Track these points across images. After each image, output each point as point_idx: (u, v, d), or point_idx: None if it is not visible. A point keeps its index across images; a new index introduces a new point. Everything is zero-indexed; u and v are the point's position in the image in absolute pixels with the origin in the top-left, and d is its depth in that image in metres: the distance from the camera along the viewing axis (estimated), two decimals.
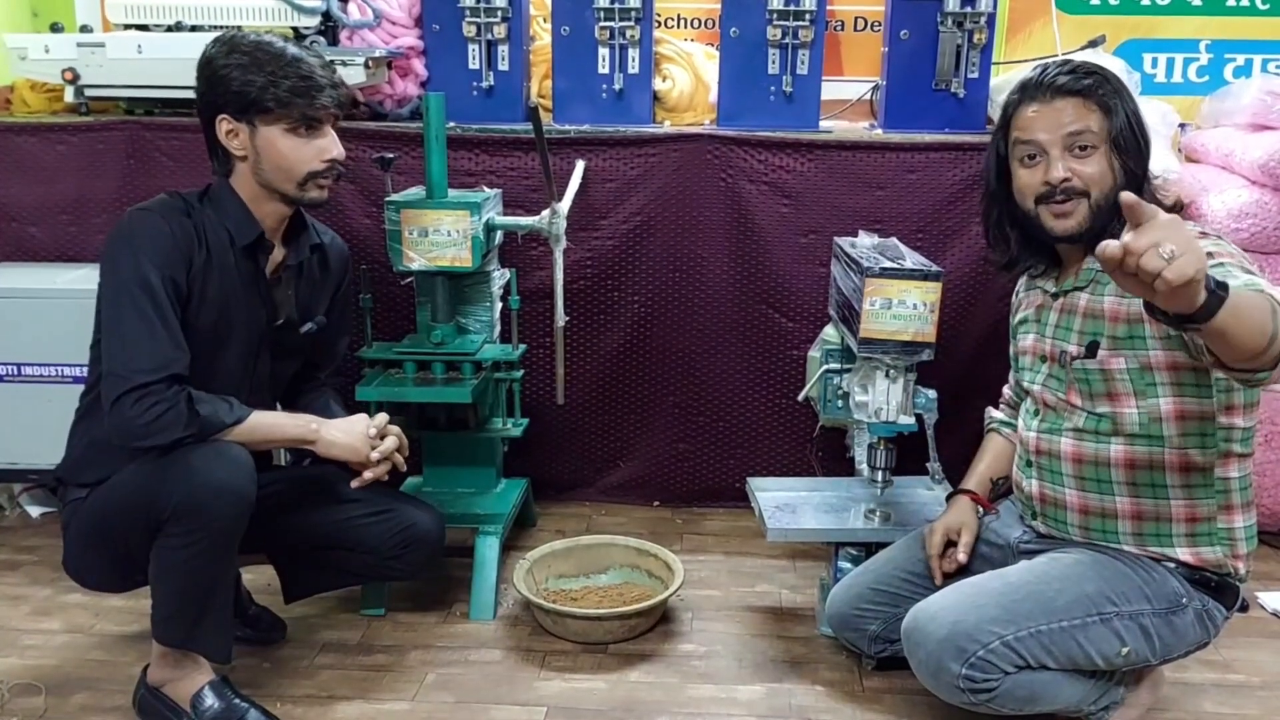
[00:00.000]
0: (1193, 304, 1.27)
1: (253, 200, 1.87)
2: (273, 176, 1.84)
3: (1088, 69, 1.72)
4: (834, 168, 2.58)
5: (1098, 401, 1.73)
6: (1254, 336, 1.34)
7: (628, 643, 2.18)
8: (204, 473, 1.68)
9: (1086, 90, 1.69)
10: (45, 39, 2.59)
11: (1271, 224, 2.48)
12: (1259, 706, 1.99)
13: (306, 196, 1.87)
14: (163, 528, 1.70)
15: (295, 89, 1.79)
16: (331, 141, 1.87)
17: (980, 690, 1.67)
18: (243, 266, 1.88)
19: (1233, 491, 1.73)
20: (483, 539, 2.31)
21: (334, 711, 1.94)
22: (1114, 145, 1.69)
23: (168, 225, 1.79)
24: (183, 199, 1.86)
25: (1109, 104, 1.69)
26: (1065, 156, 1.70)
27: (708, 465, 2.80)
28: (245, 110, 1.80)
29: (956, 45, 2.55)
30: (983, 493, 2.01)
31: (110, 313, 1.76)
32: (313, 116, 1.82)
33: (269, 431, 1.84)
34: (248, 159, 1.84)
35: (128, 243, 1.77)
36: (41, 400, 2.48)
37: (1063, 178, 1.69)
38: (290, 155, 1.83)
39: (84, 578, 1.92)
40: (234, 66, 1.79)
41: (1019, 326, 1.94)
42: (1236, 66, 3.01)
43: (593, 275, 2.66)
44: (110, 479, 1.80)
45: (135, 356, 1.72)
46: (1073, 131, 1.69)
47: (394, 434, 1.95)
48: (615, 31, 2.58)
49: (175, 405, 1.71)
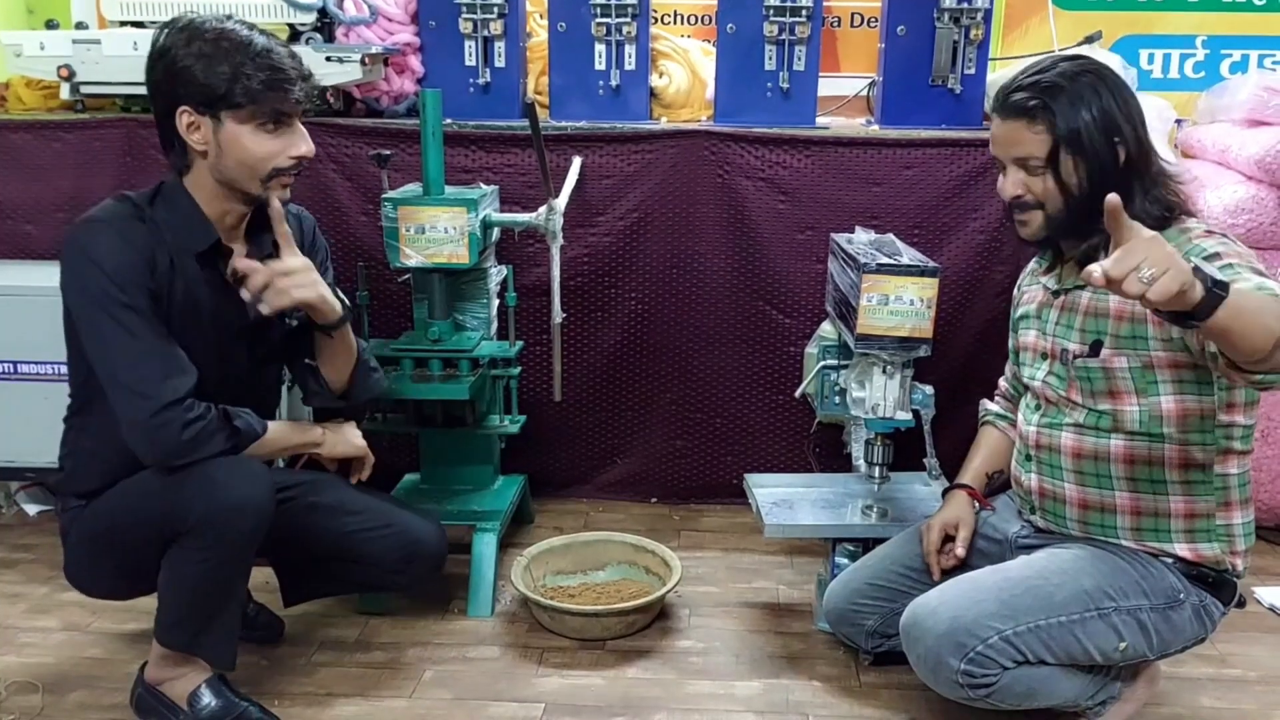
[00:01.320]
0: (1188, 305, 1.31)
1: (210, 199, 1.76)
2: (235, 173, 1.72)
3: (1046, 81, 1.68)
4: (831, 164, 2.58)
5: (1099, 399, 1.73)
6: (1260, 335, 1.35)
7: (625, 639, 2.18)
8: (226, 487, 1.66)
9: (1032, 112, 1.68)
10: (41, 36, 2.58)
11: (1268, 219, 2.48)
12: (1255, 701, 1.99)
13: (269, 195, 1.75)
14: (180, 539, 1.68)
15: (267, 82, 1.67)
16: (300, 137, 1.75)
17: (979, 685, 1.67)
18: (205, 268, 1.78)
19: (1232, 488, 1.73)
20: (480, 536, 2.31)
21: (332, 709, 1.94)
22: (1060, 165, 1.67)
23: (121, 237, 1.68)
24: (132, 203, 1.74)
25: (1056, 121, 1.67)
26: (1018, 172, 1.72)
27: (705, 462, 2.80)
28: (211, 104, 1.67)
29: (953, 41, 2.55)
30: (978, 487, 2.01)
31: (100, 335, 1.67)
32: (284, 112, 1.71)
33: (283, 440, 1.85)
34: (208, 155, 1.71)
35: (87, 260, 1.66)
36: (38, 398, 2.48)
37: (1012, 195, 1.73)
38: (256, 151, 1.70)
39: (89, 587, 1.90)
40: (197, 56, 1.66)
41: (1019, 321, 1.94)
42: (1233, 62, 3.01)
43: (590, 272, 2.66)
44: (116, 488, 1.77)
45: (152, 375, 1.66)
46: (1018, 156, 1.71)
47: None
48: (612, 28, 2.58)
49: (210, 420, 1.69)
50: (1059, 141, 1.67)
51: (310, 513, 1.96)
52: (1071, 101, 1.67)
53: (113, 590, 1.92)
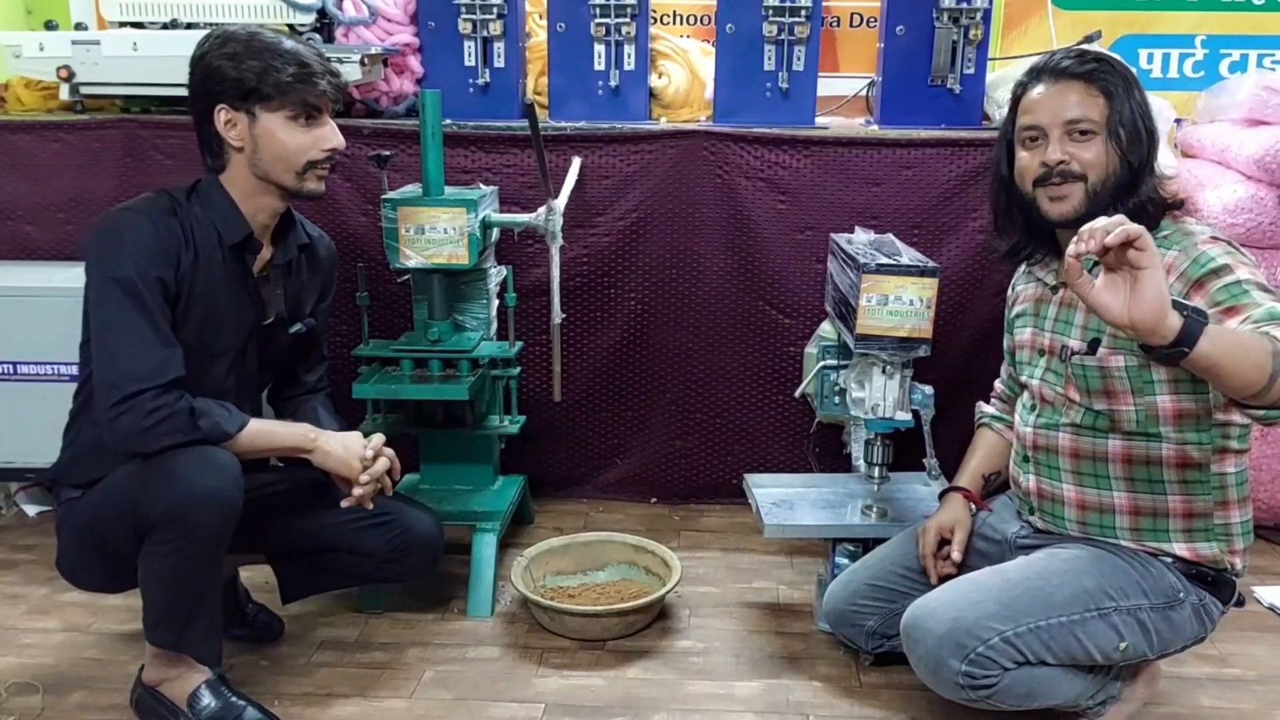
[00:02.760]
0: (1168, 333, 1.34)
1: (247, 196, 1.84)
2: (271, 167, 1.81)
3: (1097, 55, 1.73)
4: (830, 164, 2.58)
5: (1095, 398, 1.73)
6: (1251, 371, 1.38)
7: (625, 639, 2.18)
8: (189, 480, 1.66)
9: (1089, 75, 1.69)
10: (40, 37, 2.58)
11: (1267, 219, 2.49)
12: (1255, 700, 1.99)
13: (305, 187, 1.84)
14: (149, 533, 1.69)
15: (296, 75, 1.77)
16: (331, 131, 1.85)
17: (979, 686, 1.67)
18: (230, 265, 1.85)
19: (1230, 487, 1.73)
20: (480, 536, 2.31)
21: (332, 709, 1.94)
22: (1113, 134, 1.68)
23: (153, 225, 1.75)
24: (169, 196, 1.82)
25: (1112, 91, 1.69)
26: (1064, 140, 1.70)
27: (705, 462, 2.80)
28: (245, 98, 1.77)
29: (952, 41, 2.55)
30: (975, 489, 2.01)
31: (100, 317, 1.73)
32: (313, 103, 1.80)
33: (268, 440, 1.83)
34: (244, 150, 1.80)
35: (113, 243, 1.73)
36: (38, 399, 2.48)
37: (1059, 159, 1.69)
38: (290, 144, 1.80)
39: (75, 578, 1.91)
40: (229, 55, 1.76)
41: (1015, 320, 1.94)
42: (1232, 62, 3.01)
43: (589, 272, 2.66)
44: (103, 481, 1.79)
45: (130, 363, 1.69)
46: (1073, 116, 1.69)
47: (387, 457, 1.92)
48: (611, 28, 2.58)
49: (175, 412, 1.69)
50: (1114, 109, 1.68)
51: (304, 504, 1.98)
52: (1121, 74, 1.70)
53: (96, 582, 1.93)
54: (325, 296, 2.11)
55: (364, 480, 1.86)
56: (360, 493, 1.87)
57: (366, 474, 1.87)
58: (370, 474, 1.87)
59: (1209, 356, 1.36)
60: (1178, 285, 1.60)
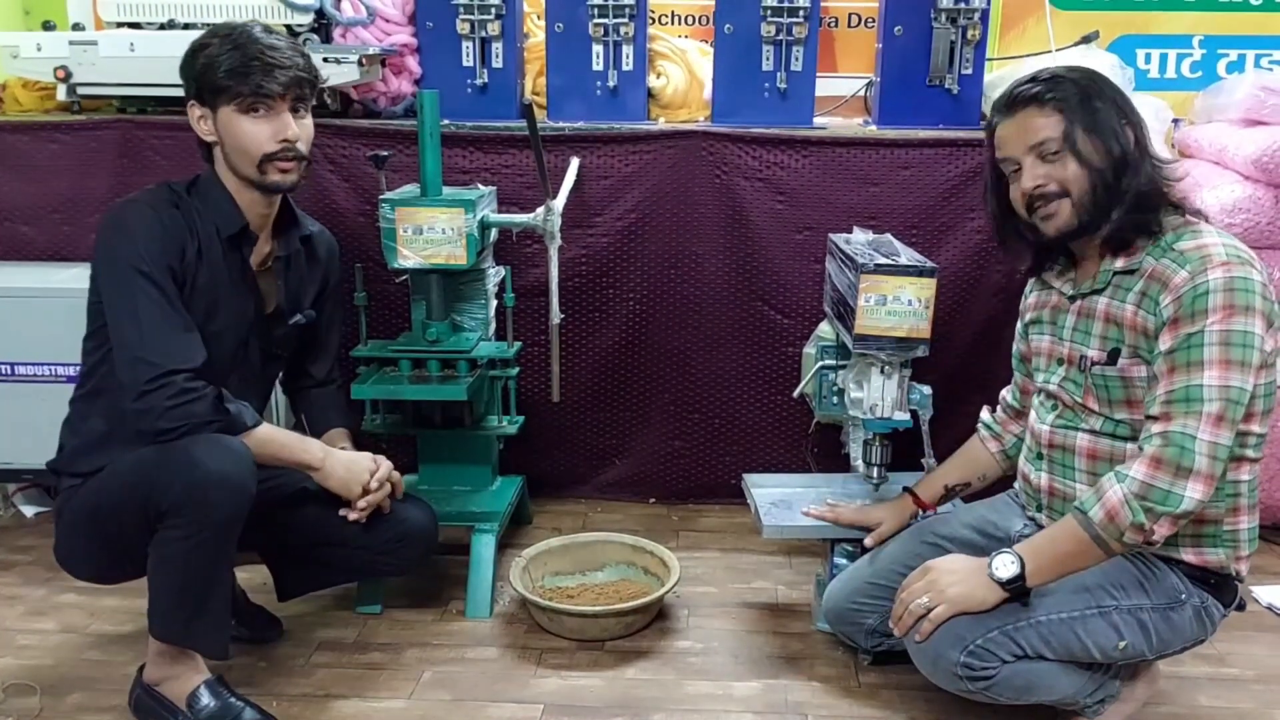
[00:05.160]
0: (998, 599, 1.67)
1: (236, 190, 1.87)
2: (236, 160, 1.84)
3: (1051, 74, 1.72)
4: (828, 164, 2.58)
5: (1116, 408, 1.72)
6: (1090, 558, 1.65)
7: (624, 640, 2.18)
8: (205, 464, 1.67)
9: (1039, 97, 1.69)
10: (37, 37, 2.58)
11: (1264, 219, 2.49)
12: (1254, 700, 1.99)
13: (268, 180, 1.84)
14: (162, 519, 1.69)
15: (240, 66, 1.77)
16: (286, 123, 1.82)
17: (978, 678, 1.68)
18: (229, 257, 1.88)
19: (1242, 494, 1.72)
20: (479, 537, 2.30)
21: (330, 710, 1.94)
22: (1076, 145, 1.67)
23: (158, 216, 1.79)
24: (170, 189, 1.86)
25: (1064, 104, 1.68)
26: (1037, 164, 1.70)
27: (703, 462, 2.80)
28: (208, 93, 1.81)
29: (950, 41, 2.55)
30: (930, 498, 2.06)
31: (121, 301, 1.75)
32: (263, 94, 1.79)
33: (279, 448, 1.86)
34: (218, 144, 1.85)
35: (123, 234, 1.77)
36: (35, 400, 2.47)
37: (1034, 187, 1.71)
38: (245, 136, 1.81)
39: (73, 566, 1.91)
40: (193, 51, 1.81)
41: (1030, 327, 1.92)
42: (1229, 62, 3.02)
43: (588, 272, 2.66)
44: (106, 468, 1.79)
45: (164, 344, 1.73)
46: (1035, 141, 1.70)
47: (394, 482, 1.99)
48: (609, 28, 2.58)
49: (204, 395, 1.73)
50: (1071, 119, 1.67)
51: (299, 497, 1.99)
52: (1075, 84, 1.70)
53: (97, 573, 1.94)
54: (327, 289, 2.12)
55: (360, 506, 1.93)
56: (353, 516, 1.94)
57: (364, 500, 1.93)
58: (368, 501, 1.94)
59: (1046, 578, 1.67)
60: (1169, 309, 1.61)
